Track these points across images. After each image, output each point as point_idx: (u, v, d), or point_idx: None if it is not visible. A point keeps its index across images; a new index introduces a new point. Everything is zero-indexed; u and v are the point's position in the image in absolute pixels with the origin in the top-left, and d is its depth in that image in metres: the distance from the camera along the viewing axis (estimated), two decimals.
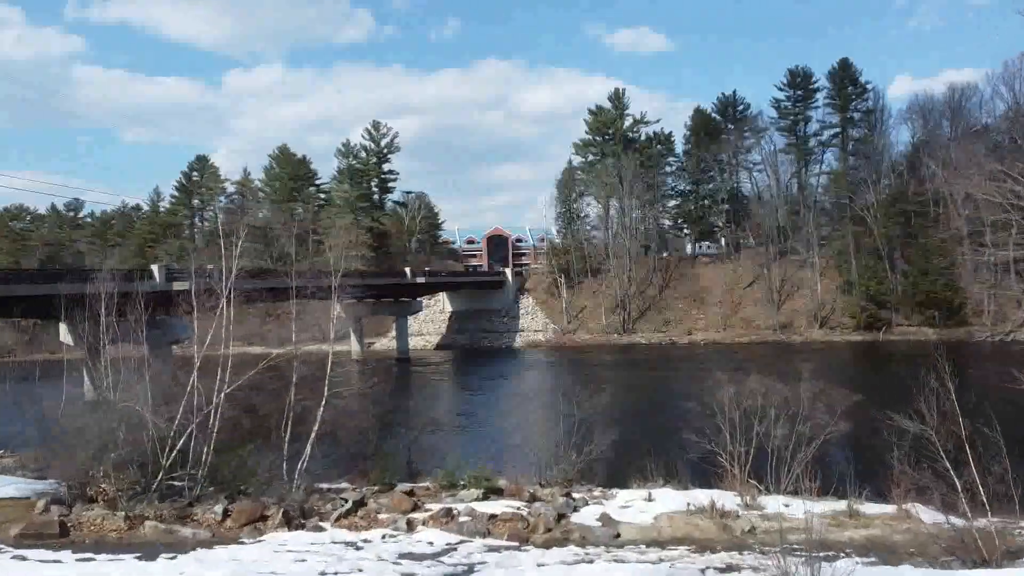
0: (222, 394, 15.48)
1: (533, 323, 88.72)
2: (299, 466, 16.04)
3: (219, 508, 13.31)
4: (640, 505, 15.47)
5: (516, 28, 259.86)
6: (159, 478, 15.07)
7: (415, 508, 14.60)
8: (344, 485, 17.78)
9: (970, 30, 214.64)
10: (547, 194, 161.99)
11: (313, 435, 16.22)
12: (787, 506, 15.70)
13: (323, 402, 16.23)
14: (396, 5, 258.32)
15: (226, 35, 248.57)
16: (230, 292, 16.26)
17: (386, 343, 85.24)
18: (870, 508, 15.77)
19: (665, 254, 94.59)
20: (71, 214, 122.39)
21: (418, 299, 75.08)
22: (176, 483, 15.60)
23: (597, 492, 16.79)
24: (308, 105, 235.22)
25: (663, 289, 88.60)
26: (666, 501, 15.61)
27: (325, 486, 17.37)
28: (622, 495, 16.53)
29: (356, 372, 62.58)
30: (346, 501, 14.80)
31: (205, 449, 15.53)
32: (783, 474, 17.40)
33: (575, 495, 16.04)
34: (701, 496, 15.64)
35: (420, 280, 71.68)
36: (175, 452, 15.27)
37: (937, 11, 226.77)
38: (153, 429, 15.24)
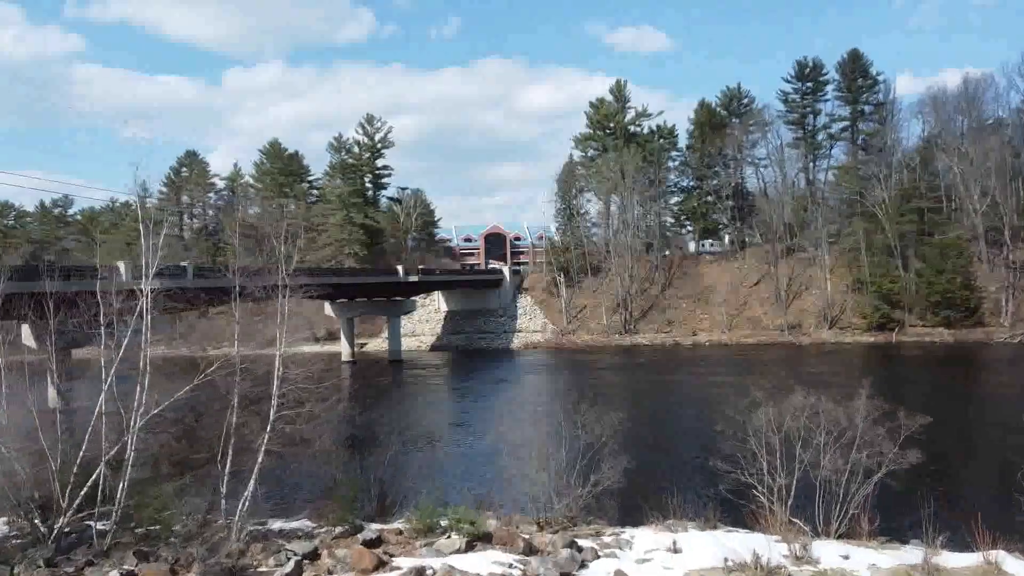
0: (136, 424, 12.37)
1: (531, 323, 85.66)
2: (240, 507, 12.91)
3: (116, 574, 10.18)
4: (663, 558, 12.37)
5: (517, 27, 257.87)
6: (59, 525, 12.00)
7: (379, 566, 11.48)
8: (301, 524, 14.70)
9: (971, 29, 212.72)
10: (546, 190, 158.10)
11: (257, 468, 13.10)
12: (846, 558, 12.62)
13: (268, 427, 13.11)
14: (397, 3, 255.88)
15: (226, 34, 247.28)
16: (149, 292, 13.14)
17: (379, 344, 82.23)
18: (949, 559, 12.66)
19: (667, 252, 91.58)
20: (58, 211, 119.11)
21: (411, 298, 71.98)
22: (89, 524, 12.57)
23: (608, 536, 13.69)
24: (308, 104, 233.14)
25: (666, 288, 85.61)
26: (696, 551, 12.51)
27: (277, 526, 14.28)
28: (639, 540, 13.41)
29: (347, 376, 59.31)
30: (292, 555, 11.68)
31: (120, 486, 12.44)
32: (834, 514, 14.35)
33: (581, 542, 12.93)
34: (739, 545, 12.54)
35: (413, 279, 68.52)
36: (83, 490, 12.21)
37: (938, 10, 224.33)
38: (53, 462, 12.18)
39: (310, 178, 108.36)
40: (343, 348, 71.58)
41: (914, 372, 53.55)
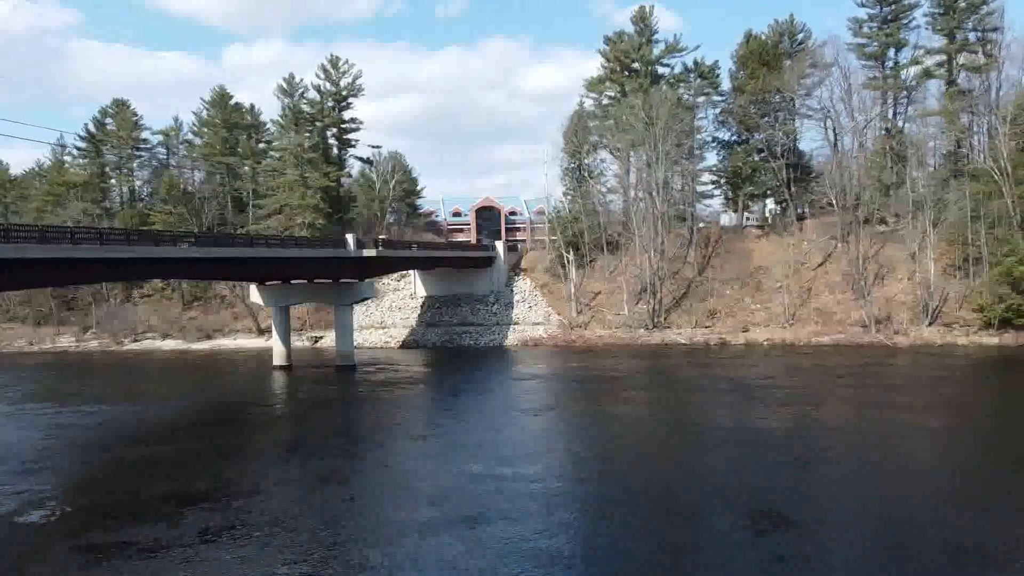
0: None
1: (531, 314, 66.80)
2: None
3: None
4: None
5: (524, 5, 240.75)
6: None
7: None
8: None
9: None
10: (551, 144, 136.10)
11: None
12: None
13: None
14: None
15: (227, 9, 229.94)
16: None
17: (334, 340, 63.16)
18: None
19: (702, 224, 72.68)
20: None
21: (367, 281, 52.82)
22: None
23: None
24: (309, 82, 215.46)
25: (703, 269, 66.86)
26: None
27: None
28: None
29: (256, 397, 40.08)
30: None
31: None
32: None
33: None
34: None
35: (368, 253, 49.38)
36: None
37: None
38: None
39: (268, 138, 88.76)
40: (275, 348, 52.71)
41: None
